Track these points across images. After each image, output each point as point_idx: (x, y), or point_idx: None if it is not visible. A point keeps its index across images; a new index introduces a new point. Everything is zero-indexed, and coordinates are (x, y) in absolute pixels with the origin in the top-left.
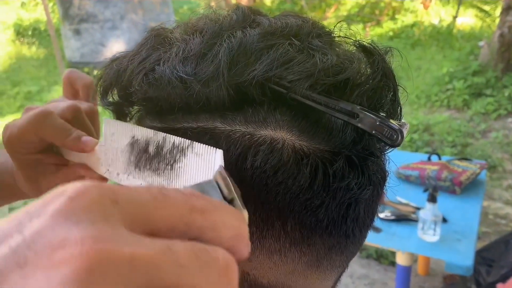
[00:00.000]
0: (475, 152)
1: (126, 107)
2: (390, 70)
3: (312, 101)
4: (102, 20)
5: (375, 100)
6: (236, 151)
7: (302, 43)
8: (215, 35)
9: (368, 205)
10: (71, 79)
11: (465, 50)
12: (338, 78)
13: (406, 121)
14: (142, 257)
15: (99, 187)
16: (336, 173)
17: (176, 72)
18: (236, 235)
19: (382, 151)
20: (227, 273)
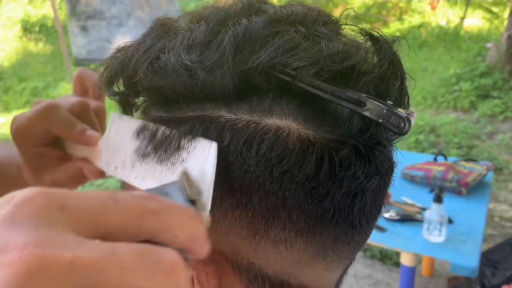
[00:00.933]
0: (481, 154)
1: (131, 98)
2: (397, 58)
3: (318, 89)
4: (109, 17)
5: (382, 89)
6: (241, 139)
7: (308, 30)
8: (220, 23)
9: (375, 195)
10: (82, 78)
11: (472, 51)
12: (344, 64)
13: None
14: (82, 260)
15: (46, 193)
16: (343, 161)
17: (181, 60)
18: (191, 236)
19: (390, 140)
20: (173, 273)
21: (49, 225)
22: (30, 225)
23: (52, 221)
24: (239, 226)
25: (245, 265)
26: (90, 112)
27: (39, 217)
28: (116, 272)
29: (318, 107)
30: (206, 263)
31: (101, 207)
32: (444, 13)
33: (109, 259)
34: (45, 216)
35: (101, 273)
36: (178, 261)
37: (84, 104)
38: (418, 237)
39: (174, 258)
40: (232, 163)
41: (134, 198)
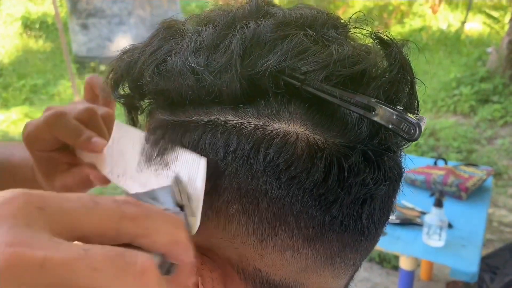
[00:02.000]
0: (480, 158)
1: (137, 100)
2: (407, 63)
3: (327, 93)
4: (109, 15)
5: (392, 93)
6: (248, 144)
7: (317, 33)
8: (228, 26)
9: (384, 202)
10: (92, 84)
11: (473, 56)
12: (354, 69)
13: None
14: (53, 260)
15: (26, 194)
16: (352, 168)
17: (188, 63)
18: (170, 241)
19: (399, 146)
20: (143, 277)
21: (26, 226)
22: (7, 224)
23: (29, 222)
24: (245, 232)
25: (251, 271)
26: (97, 119)
27: (17, 217)
28: (86, 272)
29: (326, 111)
30: (211, 269)
31: (81, 210)
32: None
33: (80, 259)
34: (23, 216)
35: (72, 273)
36: (149, 265)
37: (91, 111)
38: (418, 241)
39: (145, 262)
40: (239, 168)
41: (114, 203)
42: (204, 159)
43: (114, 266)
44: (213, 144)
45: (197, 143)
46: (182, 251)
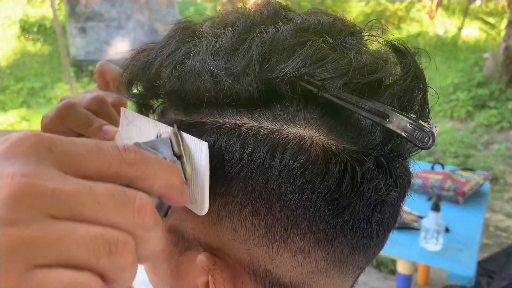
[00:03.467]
0: (477, 163)
1: (150, 99)
2: (421, 71)
3: (343, 100)
4: (108, 19)
5: (406, 101)
6: (264, 148)
7: (335, 40)
8: (247, 30)
9: (393, 207)
10: (103, 72)
11: (469, 61)
12: (372, 77)
13: None
14: (63, 191)
15: (37, 135)
16: (365, 174)
17: (206, 66)
18: (166, 185)
19: (410, 152)
20: (140, 213)
21: (37, 161)
22: (21, 160)
23: (40, 159)
24: (257, 234)
25: (262, 273)
26: (108, 106)
27: (29, 154)
28: (92, 205)
29: (341, 117)
30: (222, 269)
31: (85, 153)
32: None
33: (86, 193)
34: (34, 154)
35: (78, 204)
36: (147, 202)
37: (100, 99)
38: (415, 245)
39: (143, 199)
40: (254, 171)
41: (116, 149)
42: (205, 144)
43: (115, 201)
44: (229, 146)
45: (213, 145)
46: (177, 194)
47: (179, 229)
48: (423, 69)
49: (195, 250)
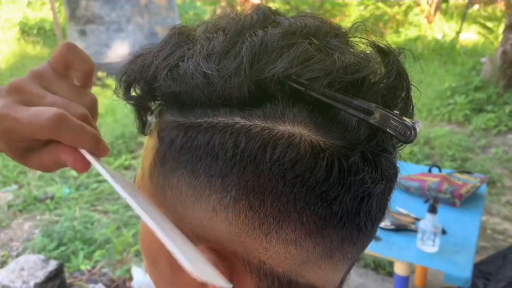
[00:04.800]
0: (474, 167)
1: (147, 102)
2: (403, 70)
3: (329, 98)
4: (108, 22)
5: (389, 99)
6: (255, 144)
7: (321, 42)
8: (238, 34)
9: (380, 199)
10: (69, 56)
11: (467, 65)
12: (355, 76)
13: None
14: None
15: None
16: (351, 167)
17: (200, 68)
18: None
19: (395, 147)
20: None
21: None
22: None
23: None
24: (251, 227)
25: (256, 264)
26: (91, 122)
27: None
28: None
29: (328, 115)
30: (218, 261)
31: None
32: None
33: None
34: None
35: None
36: None
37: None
38: (412, 247)
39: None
40: (247, 166)
41: None
42: None
43: None
44: (223, 144)
45: (208, 144)
46: None
47: (177, 225)
48: (406, 68)
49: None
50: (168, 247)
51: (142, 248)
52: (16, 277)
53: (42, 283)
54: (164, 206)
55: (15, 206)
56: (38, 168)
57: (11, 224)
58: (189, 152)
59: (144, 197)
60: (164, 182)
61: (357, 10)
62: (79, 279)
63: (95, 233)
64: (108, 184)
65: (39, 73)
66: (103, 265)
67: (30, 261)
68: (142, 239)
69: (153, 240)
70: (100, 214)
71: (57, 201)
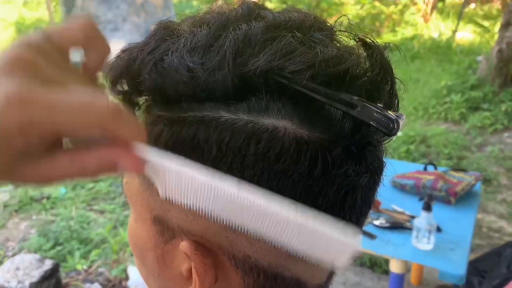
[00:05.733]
0: (470, 165)
1: (134, 96)
2: (388, 64)
3: (312, 91)
4: (104, 21)
5: (373, 92)
6: (240, 138)
7: (304, 35)
8: (221, 27)
9: (365, 193)
10: (91, 35)
11: (463, 64)
12: (337, 68)
13: (403, 132)
14: None
15: None
16: (335, 160)
17: (183, 62)
18: None
19: (380, 141)
20: None
21: None
22: None
23: None
24: None
25: (241, 258)
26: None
27: None
28: None
29: (312, 108)
30: (204, 255)
31: None
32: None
33: None
34: None
35: None
36: None
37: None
38: (407, 245)
39: None
40: (232, 160)
41: None
42: None
43: None
44: (207, 138)
45: (193, 138)
46: None
47: (163, 219)
48: (391, 62)
49: (179, 238)
50: None
51: (130, 244)
52: (11, 276)
53: (38, 282)
54: (150, 200)
55: (11, 206)
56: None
57: (7, 224)
58: (175, 146)
59: None
60: None
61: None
62: (76, 278)
63: (92, 233)
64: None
65: (35, 43)
66: (100, 264)
67: (26, 261)
68: (130, 234)
69: (140, 236)
70: (97, 213)
71: (53, 201)
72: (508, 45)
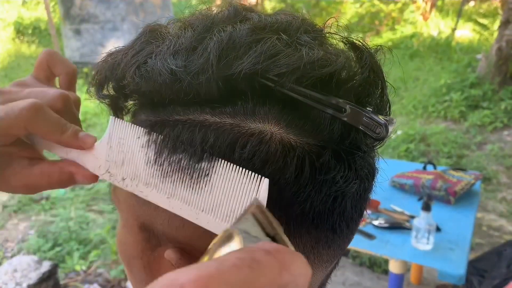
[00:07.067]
0: (470, 163)
1: (121, 101)
2: (378, 66)
3: (299, 94)
4: (103, 21)
5: (363, 96)
6: (224, 142)
7: (291, 38)
8: (206, 30)
9: (355, 200)
10: (51, 62)
11: (463, 62)
12: (323, 71)
13: (402, 131)
14: None
15: None
16: (322, 166)
17: (167, 65)
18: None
19: (370, 146)
20: None
21: None
22: None
23: None
24: None
25: None
26: (72, 106)
27: None
28: None
29: (300, 112)
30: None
31: None
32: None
33: None
34: None
35: None
36: None
37: (66, 98)
38: (407, 245)
39: None
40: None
41: None
42: (267, 181)
43: None
44: (191, 140)
45: (176, 139)
46: None
47: (149, 226)
48: (384, 64)
49: (164, 246)
50: None
51: (118, 251)
52: (9, 278)
53: (35, 284)
54: (136, 207)
55: (10, 206)
56: (24, 188)
57: (6, 225)
58: (157, 150)
59: None
60: None
61: (353, 8)
62: (75, 279)
63: (91, 233)
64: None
65: (21, 81)
66: (99, 265)
67: (23, 263)
68: (118, 241)
69: (128, 242)
70: (96, 214)
71: (53, 202)
72: (508, 43)
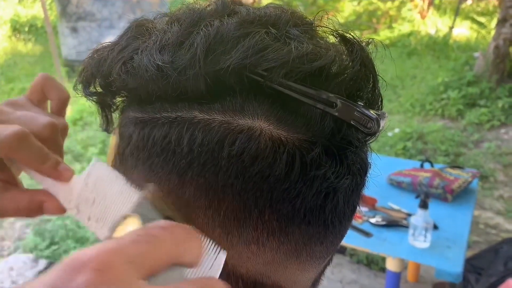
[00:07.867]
0: (467, 161)
1: (109, 98)
2: (369, 60)
3: (288, 89)
4: (99, 18)
5: (354, 90)
6: (213, 139)
7: (280, 31)
8: (193, 24)
9: (348, 195)
10: (45, 88)
11: (460, 60)
12: (313, 65)
13: (400, 129)
14: None
15: None
16: (313, 161)
17: (153, 61)
18: None
19: (362, 141)
20: None
21: None
22: None
23: None
24: (212, 226)
25: None
26: (58, 136)
27: None
28: None
29: (290, 107)
30: None
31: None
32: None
33: None
34: None
35: None
36: None
37: (54, 127)
38: (404, 243)
39: None
40: (205, 163)
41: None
42: (223, 255)
43: None
44: (179, 139)
45: (164, 139)
46: None
47: None
48: (373, 59)
49: None
50: None
51: None
52: (5, 277)
53: None
54: None
55: None
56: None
57: (2, 223)
58: (147, 148)
59: None
60: None
61: (350, 6)
62: None
63: (87, 232)
64: None
65: (14, 100)
66: None
67: (20, 261)
68: None
69: None
70: None
71: None
72: (505, 41)
